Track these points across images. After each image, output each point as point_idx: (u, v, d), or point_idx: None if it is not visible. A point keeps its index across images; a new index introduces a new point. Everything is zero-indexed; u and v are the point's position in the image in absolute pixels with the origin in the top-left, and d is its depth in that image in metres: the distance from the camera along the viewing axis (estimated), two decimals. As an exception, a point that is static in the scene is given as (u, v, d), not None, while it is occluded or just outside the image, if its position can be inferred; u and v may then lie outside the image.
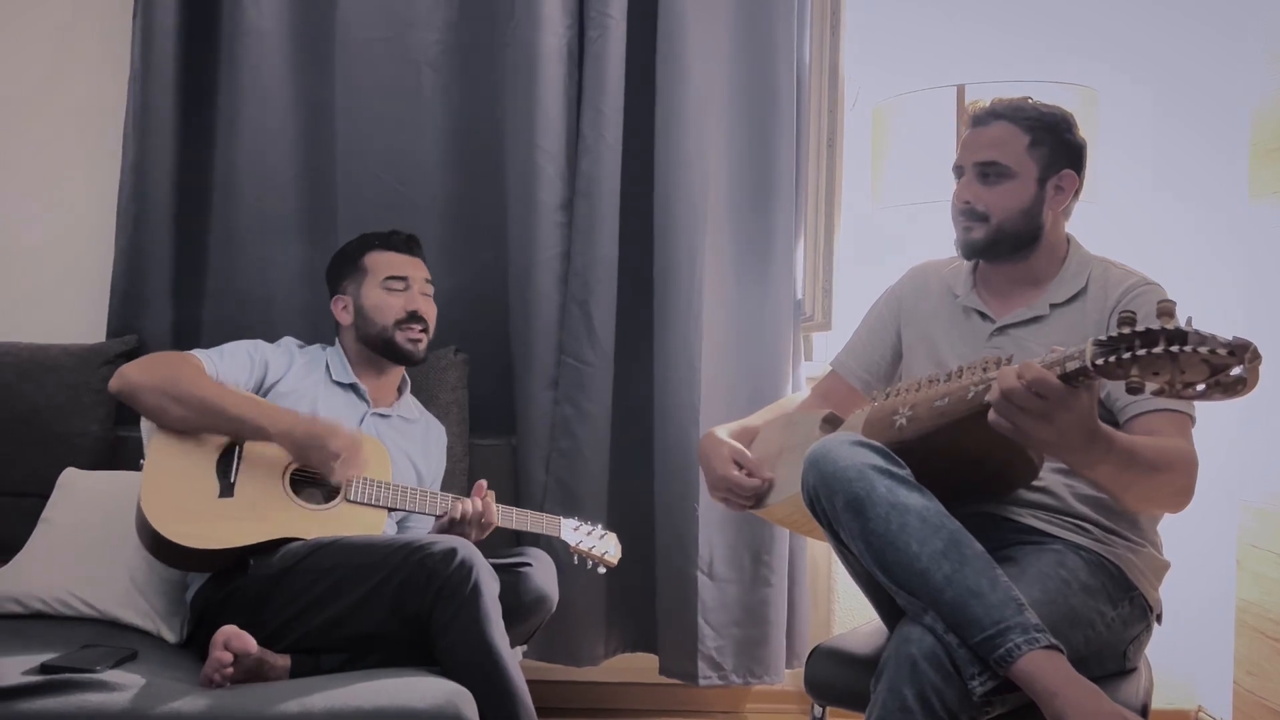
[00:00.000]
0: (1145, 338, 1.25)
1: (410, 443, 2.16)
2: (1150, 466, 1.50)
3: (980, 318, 1.82)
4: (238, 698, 1.61)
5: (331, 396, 2.11)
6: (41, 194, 2.60)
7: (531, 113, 2.37)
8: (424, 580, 1.71)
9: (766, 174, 2.43)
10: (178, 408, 1.91)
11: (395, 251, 2.18)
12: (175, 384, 1.92)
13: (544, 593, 1.95)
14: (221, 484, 1.90)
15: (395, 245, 2.19)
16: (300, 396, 2.07)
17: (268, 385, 2.08)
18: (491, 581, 1.74)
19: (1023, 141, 1.75)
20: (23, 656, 1.69)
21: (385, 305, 2.13)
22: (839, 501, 1.51)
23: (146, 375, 1.94)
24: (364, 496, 1.95)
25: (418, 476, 2.14)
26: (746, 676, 2.42)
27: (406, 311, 2.13)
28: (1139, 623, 1.67)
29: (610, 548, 2.17)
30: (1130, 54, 2.56)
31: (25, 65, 2.60)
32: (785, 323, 2.45)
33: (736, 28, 2.43)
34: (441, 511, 1.99)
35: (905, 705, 1.41)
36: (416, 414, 2.23)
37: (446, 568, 1.71)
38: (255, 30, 2.42)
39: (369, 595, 1.75)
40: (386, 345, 2.14)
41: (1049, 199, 1.77)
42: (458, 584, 1.70)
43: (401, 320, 2.13)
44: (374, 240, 2.20)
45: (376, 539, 1.84)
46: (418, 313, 2.14)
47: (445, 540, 1.76)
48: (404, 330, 2.13)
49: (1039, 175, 1.76)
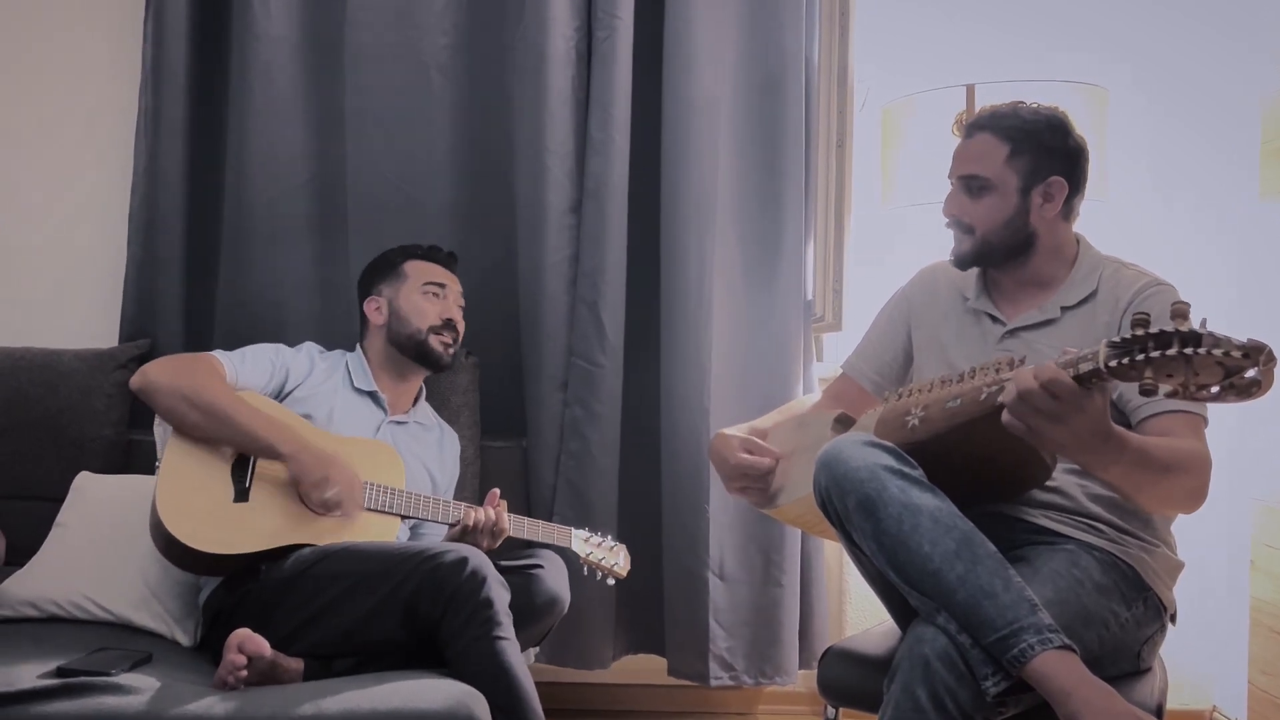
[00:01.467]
0: (1159, 340, 1.25)
1: (425, 450, 2.17)
2: (1163, 467, 1.49)
3: (991, 320, 1.82)
4: (253, 700, 1.61)
5: (349, 403, 2.12)
6: (54, 199, 2.62)
7: (539, 115, 2.38)
8: (434, 589, 1.71)
9: (775, 175, 2.43)
10: (194, 413, 1.93)
11: (436, 263, 2.23)
12: (194, 389, 1.93)
13: (556, 595, 1.95)
14: (236, 489, 1.91)
15: (436, 258, 2.24)
16: (319, 402, 2.08)
17: (288, 390, 2.10)
18: (502, 591, 1.75)
19: (1002, 153, 1.74)
20: (38, 660, 1.70)
21: (422, 310, 2.16)
22: (851, 502, 1.50)
23: (167, 377, 1.96)
24: (378, 504, 1.96)
25: (432, 484, 2.15)
26: (758, 677, 2.42)
27: (442, 319, 2.17)
28: (1153, 623, 1.66)
29: (620, 559, 2.18)
30: (1140, 52, 2.56)
31: (37, 71, 2.61)
32: (795, 323, 2.45)
33: (744, 28, 2.43)
34: (454, 520, 1.99)
35: (919, 706, 1.41)
36: (432, 421, 2.24)
37: (458, 577, 1.71)
38: (265, 34, 2.43)
39: (380, 604, 1.75)
40: (419, 348, 2.16)
41: (1035, 208, 1.75)
42: (469, 594, 1.70)
43: (436, 326, 2.16)
44: (417, 250, 2.25)
45: (388, 546, 1.85)
46: (453, 321, 2.18)
47: (456, 549, 1.76)
48: (438, 335, 2.16)
49: (1020, 185, 1.74)
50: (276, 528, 1.88)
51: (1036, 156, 1.74)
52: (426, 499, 2.01)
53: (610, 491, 2.41)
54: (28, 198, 2.62)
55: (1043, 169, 1.75)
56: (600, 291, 2.38)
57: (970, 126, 1.80)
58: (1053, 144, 1.75)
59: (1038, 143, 1.74)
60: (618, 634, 2.49)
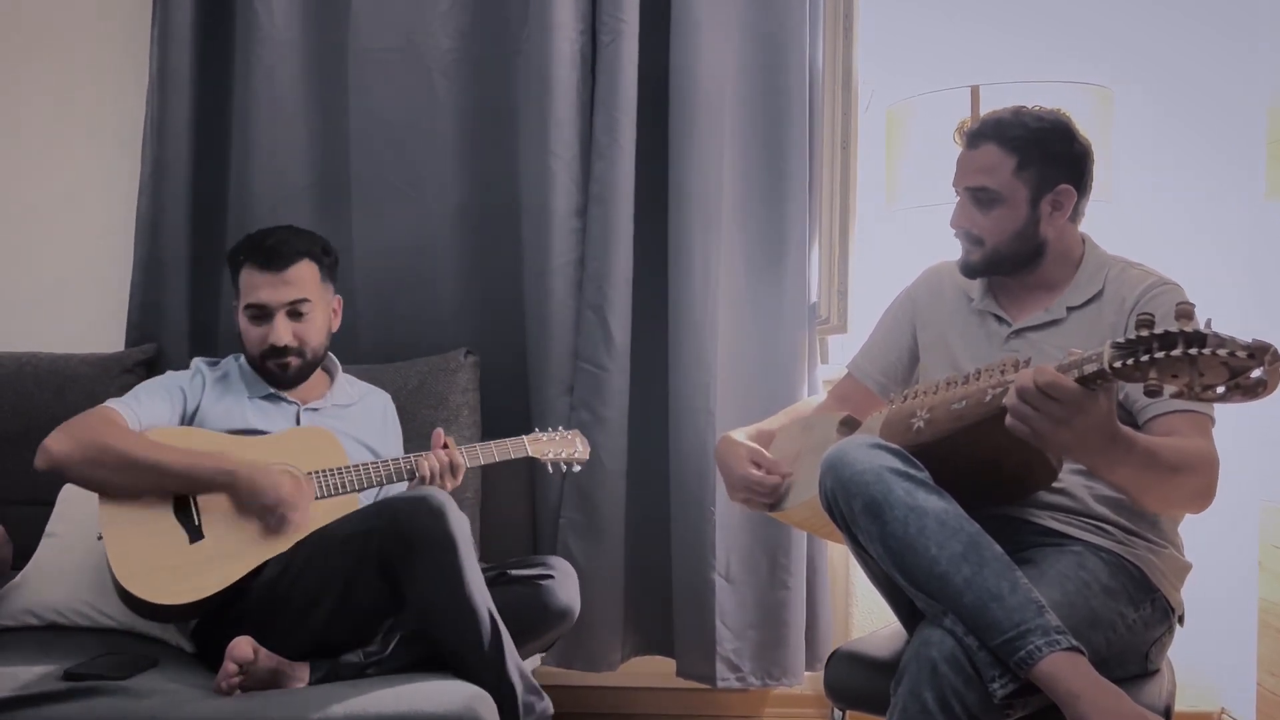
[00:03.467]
0: (1163, 340, 1.25)
1: (352, 425, 2.10)
2: (1171, 467, 1.49)
3: (996, 321, 1.81)
4: (258, 704, 1.62)
5: (258, 407, 2.06)
6: (59, 204, 2.62)
7: (545, 118, 2.38)
8: (396, 535, 1.71)
9: (780, 177, 2.43)
10: (111, 474, 1.84)
11: (259, 269, 1.99)
12: (103, 450, 1.84)
13: (567, 606, 1.94)
14: (188, 530, 1.86)
15: (260, 262, 1.99)
16: (229, 417, 2.02)
17: (190, 414, 2.03)
18: (463, 522, 1.73)
19: (1010, 164, 1.72)
20: (45, 665, 1.71)
21: (248, 335, 2.03)
22: (857, 504, 1.50)
23: (69, 446, 1.85)
24: (330, 488, 1.93)
25: (372, 455, 2.09)
26: (765, 679, 2.42)
27: (268, 344, 2.01)
28: (1161, 624, 1.66)
29: (578, 446, 2.17)
30: (1145, 52, 2.55)
31: (44, 78, 2.62)
32: (800, 326, 2.45)
33: (749, 30, 2.43)
34: (409, 474, 1.97)
35: (926, 708, 1.41)
36: (353, 396, 2.17)
37: (418, 516, 1.71)
38: (270, 39, 2.44)
39: (354, 567, 1.75)
40: (261, 372, 2.06)
41: (1045, 217, 1.74)
42: (428, 529, 1.69)
43: (265, 353, 2.02)
44: (243, 252, 2.03)
45: (348, 516, 1.83)
46: (282, 346, 2.01)
47: (413, 493, 1.77)
48: (271, 359, 2.03)
49: (1030, 196, 1.73)
50: (243, 553, 1.85)
51: (1044, 166, 1.73)
52: (376, 465, 1.97)
53: (617, 495, 2.41)
54: (35, 203, 2.63)
55: (1051, 178, 1.73)
56: (606, 295, 2.38)
57: (974, 136, 1.78)
58: (1059, 151, 1.74)
59: (1044, 151, 1.73)
60: (626, 636, 2.49)
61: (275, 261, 2.00)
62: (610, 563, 2.41)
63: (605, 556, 2.40)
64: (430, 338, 2.45)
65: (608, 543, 2.40)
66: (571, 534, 2.39)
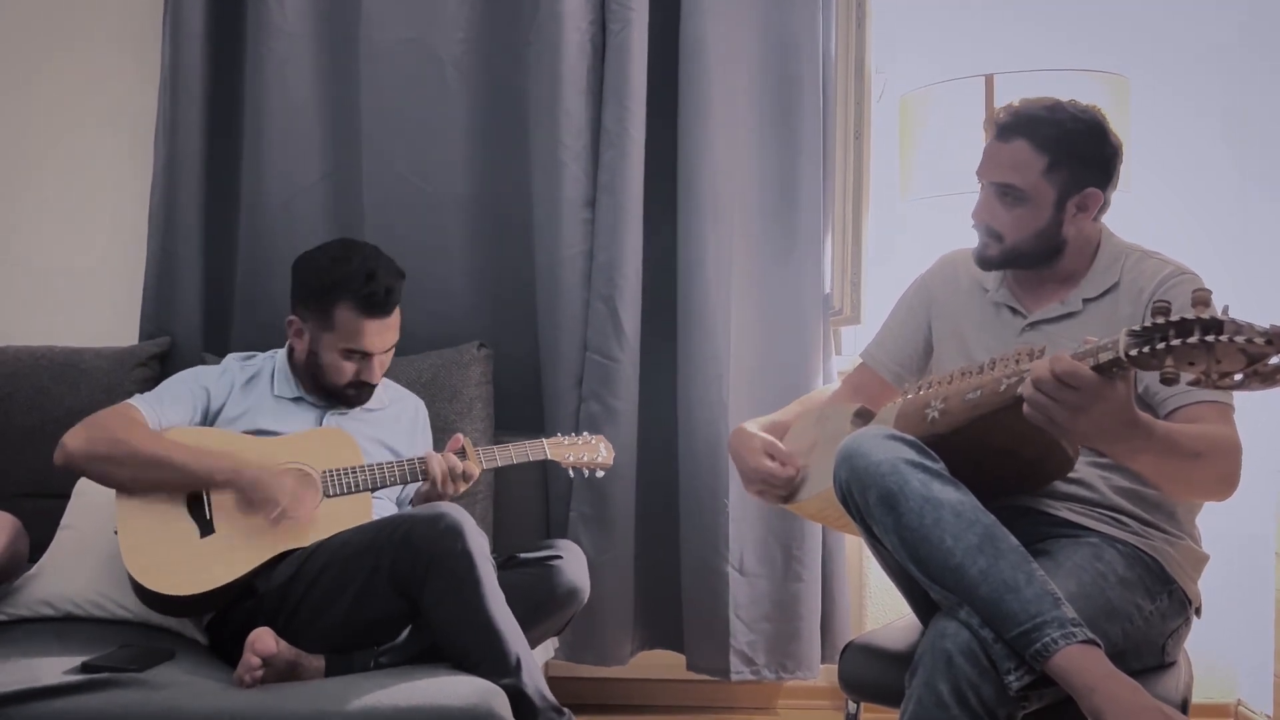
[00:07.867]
0: (1180, 327, 1.23)
1: (378, 429, 2.12)
2: (1193, 453, 1.47)
3: (1011, 313, 1.80)
4: (276, 697, 1.62)
5: (281, 410, 2.08)
6: (73, 199, 2.63)
7: (554, 109, 2.38)
8: (412, 555, 1.72)
9: (792, 167, 2.42)
10: (123, 470, 1.89)
11: (366, 316, 2.00)
12: (116, 446, 1.89)
13: (576, 585, 1.95)
14: (200, 525, 1.89)
15: (368, 308, 2.00)
16: (252, 417, 2.04)
17: (213, 414, 2.06)
18: (481, 540, 1.74)
19: (1040, 164, 1.69)
20: (63, 656, 1.71)
21: (339, 369, 2.04)
22: (872, 496, 1.50)
23: (86, 444, 1.91)
24: (341, 486, 1.94)
25: (395, 458, 2.08)
26: (779, 671, 2.42)
27: (359, 380, 2.06)
28: (1178, 616, 1.65)
29: (601, 451, 2.17)
30: (1162, 41, 2.52)
31: (58, 76, 2.63)
32: (813, 317, 2.44)
33: (760, 19, 2.42)
34: (421, 474, 1.97)
35: (941, 700, 1.40)
36: (384, 401, 2.17)
37: (433, 535, 1.71)
38: (280, 32, 2.44)
39: (366, 582, 1.76)
40: (330, 391, 2.08)
41: (1068, 219, 1.72)
42: (447, 550, 1.71)
43: (351, 384, 2.06)
44: (348, 292, 1.99)
45: (365, 527, 1.85)
46: (368, 384, 2.07)
47: (428, 509, 1.77)
48: (353, 389, 2.07)
49: (1056, 199, 1.70)
50: (253, 546, 1.87)
51: (1074, 169, 1.69)
52: (390, 465, 1.98)
53: (628, 487, 2.40)
54: (50, 199, 2.64)
55: (1080, 181, 1.70)
56: (616, 286, 2.37)
57: (1005, 129, 1.73)
58: (1091, 153, 1.70)
59: (1077, 154, 1.69)
60: (636, 629, 2.49)
61: (384, 309, 2.02)
62: (621, 555, 2.41)
63: (616, 549, 2.40)
64: (442, 330, 2.45)
65: (618, 535, 2.40)
66: (582, 526, 2.39)
